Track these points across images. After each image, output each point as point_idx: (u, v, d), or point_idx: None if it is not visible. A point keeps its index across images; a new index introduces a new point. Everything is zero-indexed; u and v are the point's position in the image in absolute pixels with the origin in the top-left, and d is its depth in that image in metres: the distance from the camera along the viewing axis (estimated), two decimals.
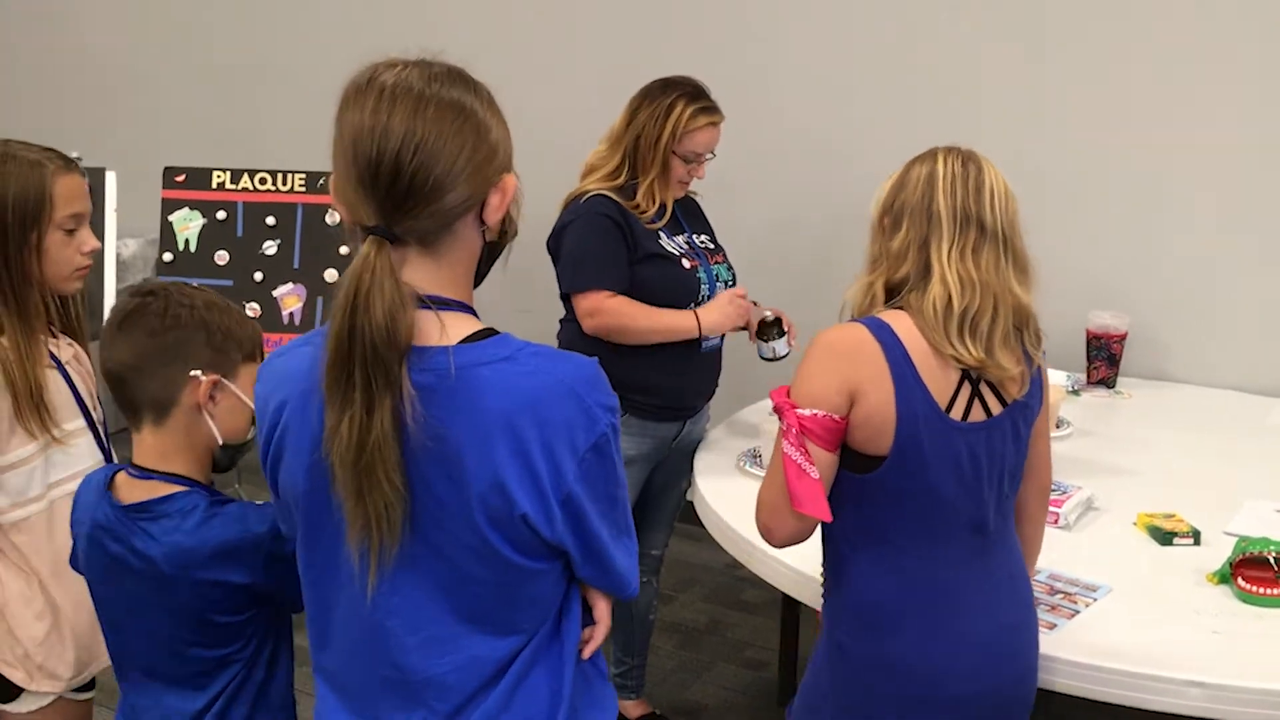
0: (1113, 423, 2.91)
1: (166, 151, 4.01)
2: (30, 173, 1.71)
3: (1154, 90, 3.22)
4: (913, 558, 1.60)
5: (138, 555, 1.46)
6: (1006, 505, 1.65)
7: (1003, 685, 1.63)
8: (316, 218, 3.29)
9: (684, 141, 2.51)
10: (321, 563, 1.25)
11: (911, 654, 1.60)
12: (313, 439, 1.18)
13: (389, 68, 1.18)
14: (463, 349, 1.16)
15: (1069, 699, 1.72)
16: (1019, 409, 1.62)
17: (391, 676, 1.23)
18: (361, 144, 1.13)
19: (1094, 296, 3.29)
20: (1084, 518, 2.19)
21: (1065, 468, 2.41)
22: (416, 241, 1.17)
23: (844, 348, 1.58)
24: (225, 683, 1.51)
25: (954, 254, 1.56)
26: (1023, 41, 3.37)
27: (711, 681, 3.18)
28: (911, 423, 1.55)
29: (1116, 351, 3.18)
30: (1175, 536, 2.06)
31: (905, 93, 3.53)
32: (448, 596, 1.20)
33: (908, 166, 1.64)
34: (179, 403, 1.49)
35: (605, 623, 1.35)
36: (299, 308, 3.28)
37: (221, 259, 3.28)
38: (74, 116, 5.19)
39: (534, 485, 1.16)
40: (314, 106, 5.13)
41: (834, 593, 1.68)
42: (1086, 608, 1.82)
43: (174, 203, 3.31)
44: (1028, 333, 1.62)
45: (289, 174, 3.31)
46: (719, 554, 2.34)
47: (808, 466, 1.55)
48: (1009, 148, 3.34)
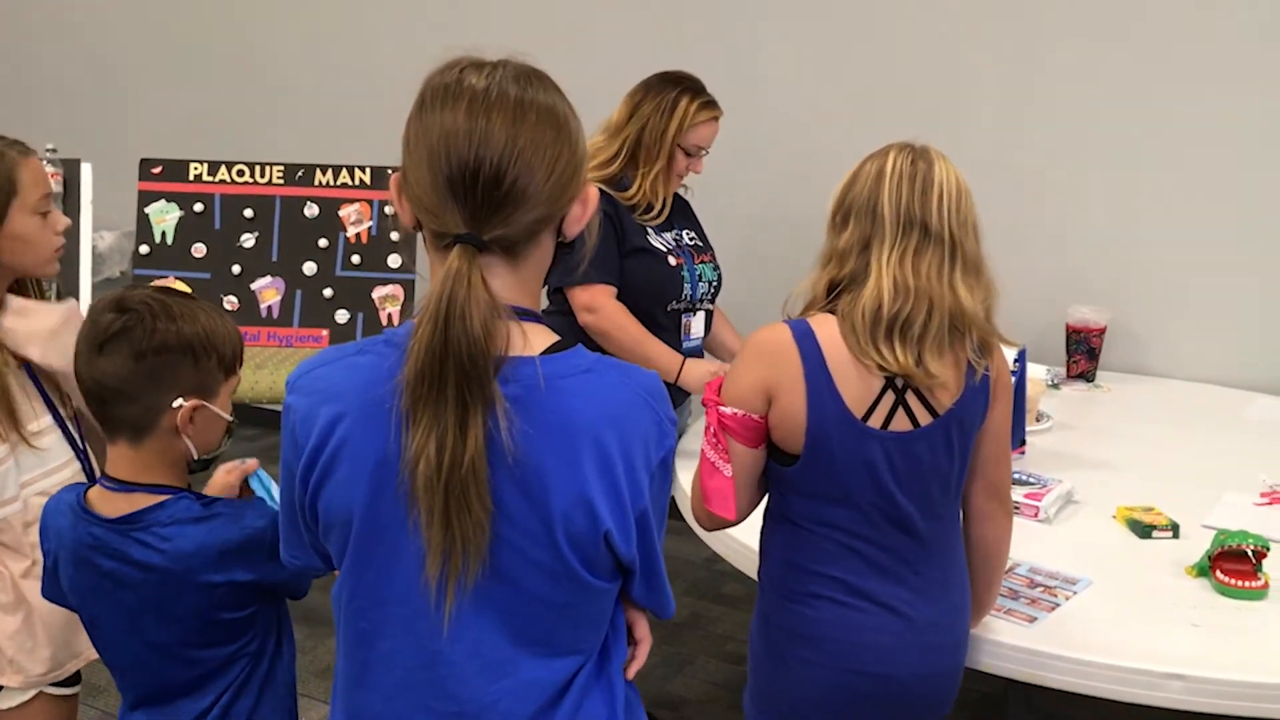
0: (1092, 416, 2.92)
1: (143, 143, 3.97)
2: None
3: (1133, 87, 3.23)
4: (831, 542, 1.62)
5: (137, 566, 1.44)
6: (939, 509, 1.64)
7: (913, 677, 1.64)
8: (295, 210, 3.26)
9: (689, 135, 2.55)
10: (370, 592, 1.17)
11: (821, 626, 1.62)
12: (378, 458, 1.11)
13: (475, 69, 1.13)
14: (548, 360, 1.12)
15: (1049, 692, 1.72)
16: (952, 420, 1.60)
17: (443, 709, 1.17)
18: (456, 148, 1.08)
19: (1074, 291, 3.30)
20: (1064, 511, 2.19)
21: (1045, 461, 2.42)
22: (502, 250, 1.12)
23: (765, 349, 1.60)
24: (232, 679, 1.51)
25: (893, 257, 1.56)
26: (1004, 38, 3.37)
27: (693, 675, 3.18)
28: (821, 426, 1.56)
29: (1096, 345, 3.19)
30: (1154, 529, 2.06)
31: (890, 89, 3.53)
32: (508, 619, 1.15)
33: (861, 163, 1.63)
34: (158, 427, 1.47)
35: (648, 641, 1.34)
36: (277, 301, 3.25)
37: (199, 252, 3.24)
38: (49, 107, 5.15)
39: (617, 501, 1.13)
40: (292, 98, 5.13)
41: (762, 566, 1.72)
42: (1066, 601, 1.82)
43: (151, 195, 3.27)
44: (969, 338, 1.60)
45: (267, 166, 3.28)
46: (699, 547, 2.34)
47: (721, 464, 1.60)
48: (990, 144, 3.37)
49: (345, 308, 3.20)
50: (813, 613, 1.63)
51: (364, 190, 3.29)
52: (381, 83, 1.08)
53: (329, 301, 3.21)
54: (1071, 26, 3.28)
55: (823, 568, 1.62)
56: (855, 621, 1.61)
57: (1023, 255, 3.27)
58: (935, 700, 1.69)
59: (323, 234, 3.25)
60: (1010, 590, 1.84)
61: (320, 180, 3.28)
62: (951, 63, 3.44)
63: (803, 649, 1.64)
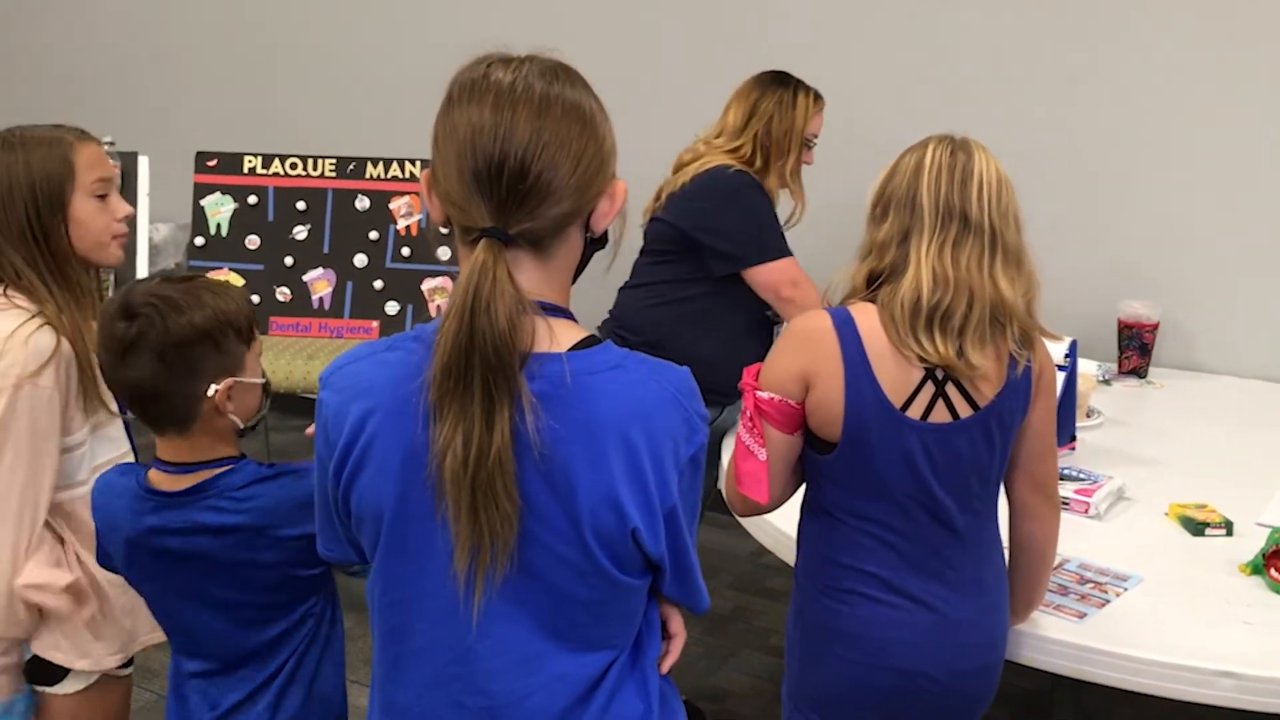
0: (1144, 412, 2.89)
1: (198, 136, 4.04)
2: (50, 150, 1.72)
3: (1191, 80, 3.18)
4: (866, 536, 1.61)
5: (212, 532, 1.48)
6: (976, 504, 1.63)
7: (946, 674, 1.63)
8: (347, 203, 3.30)
9: (809, 125, 2.67)
10: (401, 586, 1.18)
11: (856, 623, 1.62)
12: (406, 453, 1.12)
13: (502, 64, 1.14)
14: (574, 356, 1.12)
15: (1098, 689, 1.71)
16: (993, 413, 1.59)
17: (476, 705, 1.17)
18: (482, 143, 1.09)
19: (1125, 285, 3.26)
20: (1115, 508, 2.17)
21: (1096, 457, 2.40)
22: (528, 244, 1.12)
23: (804, 335, 1.60)
24: (299, 640, 1.55)
25: (933, 248, 1.55)
26: (1057, 28, 3.34)
27: (736, 668, 3.18)
28: (859, 414, 1.56)
29: (1148, 341, 3.15)
30: (1207, 527, 2.04)
31: (938, 79, 3.50)
32: (538, 614, 1.15)
33: (900, 156, 1.64)
34: (200, 414, 1.50)
35: (682, 635, 1.33)
36: (329, 292, 3.29)
37: (252, 243, 3.30)
38: (107, 101, 5.24)
39: (644, 498, 1.12)
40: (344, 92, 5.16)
41: (799, 560, 1.72)
42: (1117, 597, 1.80)
43: (206, 187, 3.33)
44: (1010, 330, 1.58)
45: (320, 159, 3.33)
46: (744, 541, 2.35)
47: (756, 448, 1.60)
48: (1042, 137, 3.33)
49: (395, 299, 3.24)
50: (847, 609, 1.62)
51: (414, 183, 3.33)
52: (434, 76, 1.10)
53: (379, 293, 3.25)
54: (1129, 13, 3.24)
55: (858, 563, 1.61)
56: (889, 618, 1.61)
57: (1074, 249, 3.23)
58: (970, 698, 1.68)
59: (373, 226, 3.30)
60: (1059, 586, 1.82)
61: (371, 173, 3.32)
62: (1003, 53, 3.41)
63: (836, 644, 1.64)
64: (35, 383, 1.65)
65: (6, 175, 1.70)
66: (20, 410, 1.64)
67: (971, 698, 1.67)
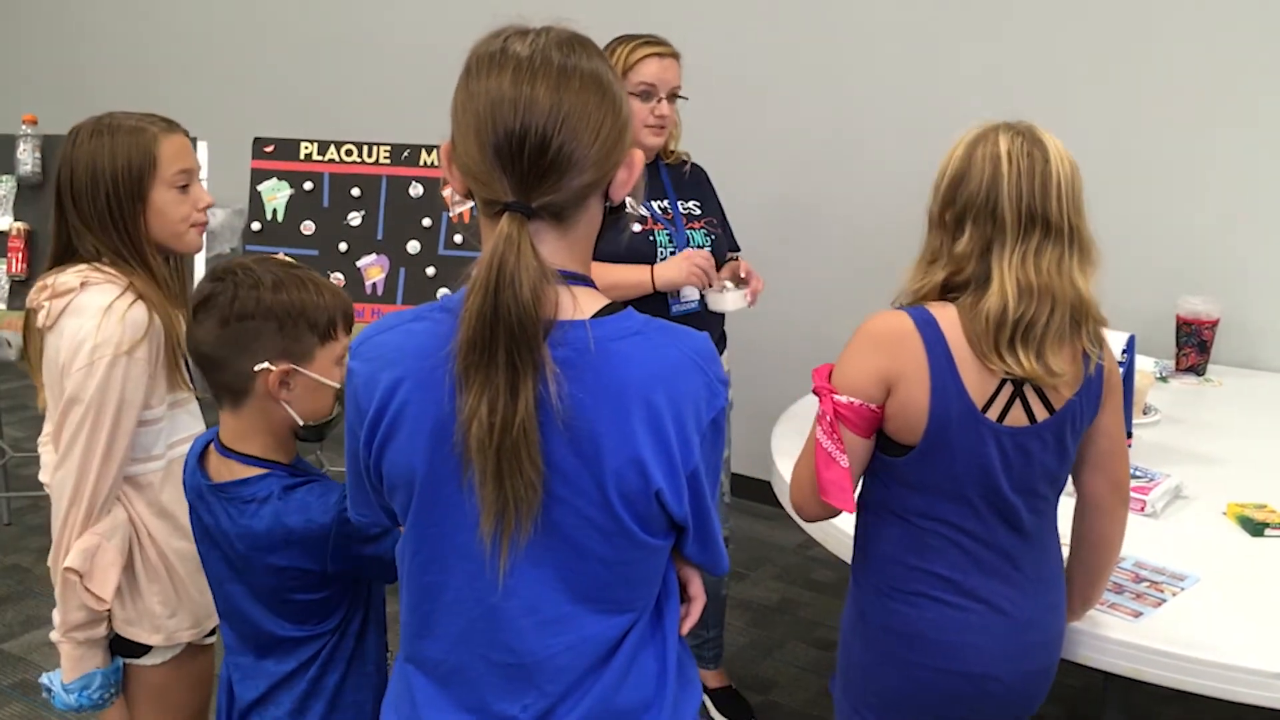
0: (1202, 410, 2.84)
1: (254, 122, 4.08)
2: (135, 139, 1.78)
3: (1250, 73, 3.12)
4: (936, 537, 1.59)
5: (220, 532, 1.52)
6: (1042, 505, 1.61)
7: (1014, 676, 1.61)
8: (401, 190, 3.32)
9: (629, 76, 2.45)
10: (432, 548, 1.21)
11: (924, 625, 1.60)
12: (436, 421, 1.14)
13: (519, 36, 1.14)
14: (598, 323, 1.14)
15: (1149, 689, 1.69)
16: (1068, 416, 1.56)
17: (502, 660, 1.20)
18: (502, 116, 1.09)
19: (1185, 282, 3.21)
20: (1171, 506, 2.14)
21: (1153, 455, 2.37)
22: (550, 216, 1.13)
23: (885, 337, 1.55)
24: (314, 651, 1.54)
25: (1015, 259, 1.51)
26: (1119, 24, 3.29)
27: (782, 659, 3.18)
28: (943, 419, 1.53)
29: (1207, 338, 3.10)
30: (1267, 527, 2.01)
31: (1000, 72, 3.47)
32: (565, 576, 1.18)
33: (969, 150, 1.55)
34: (252, 392, 1.51)
35: (702, 598, 1.35)
36: (381, 278, 3.32)
37: (308, 229, 3.33)
38: (166, 87, 5.31)
39: (668, 461, 1.14)
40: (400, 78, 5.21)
41: (859, 560, 1.70)
42: (1174, 597, 1.78)
43: (263, 173, 3.37)
44: (1086, 327, 1.56)
45: (374, 146, 3.35)
46: (791, 534, 2.35)
47: (838, 455, 1.56)
48: (1102, 131, 3.29)
49: (448, 286, 3.26)
50: (916, 611, 1.60)
51: None
52: None
53: (431, 280, 3.27)
54: (1188, 9, 3.18)
55: (929, 565, 1.59)
56: (960, 621, 1.59)
57: (1132, 245, 3.19)
58: (1031, 699, 1.67)
59: (426, 213, 3.31)
60: (1115, 584, 1.80)
61: (425, 160, 3.34)
62: (1063, 48, 3.37)
63: (904, 648, 1.62)
64: (131, 356, 1.71)
65: (92, 162, 1.76)
66: (114, 382, 1.70)
67: (1032, 698, 1.67)
